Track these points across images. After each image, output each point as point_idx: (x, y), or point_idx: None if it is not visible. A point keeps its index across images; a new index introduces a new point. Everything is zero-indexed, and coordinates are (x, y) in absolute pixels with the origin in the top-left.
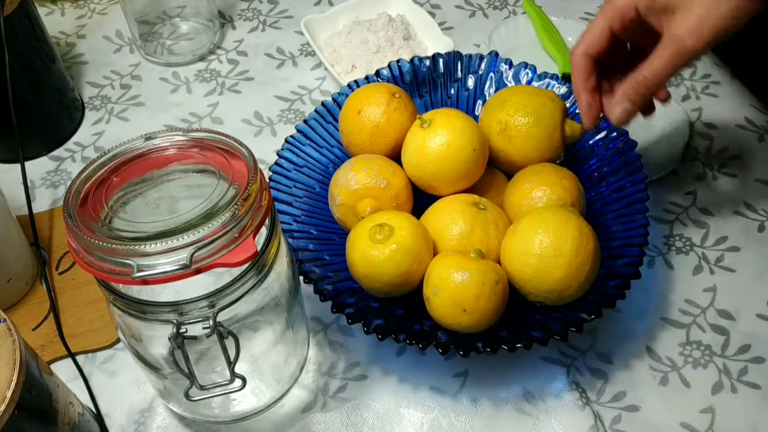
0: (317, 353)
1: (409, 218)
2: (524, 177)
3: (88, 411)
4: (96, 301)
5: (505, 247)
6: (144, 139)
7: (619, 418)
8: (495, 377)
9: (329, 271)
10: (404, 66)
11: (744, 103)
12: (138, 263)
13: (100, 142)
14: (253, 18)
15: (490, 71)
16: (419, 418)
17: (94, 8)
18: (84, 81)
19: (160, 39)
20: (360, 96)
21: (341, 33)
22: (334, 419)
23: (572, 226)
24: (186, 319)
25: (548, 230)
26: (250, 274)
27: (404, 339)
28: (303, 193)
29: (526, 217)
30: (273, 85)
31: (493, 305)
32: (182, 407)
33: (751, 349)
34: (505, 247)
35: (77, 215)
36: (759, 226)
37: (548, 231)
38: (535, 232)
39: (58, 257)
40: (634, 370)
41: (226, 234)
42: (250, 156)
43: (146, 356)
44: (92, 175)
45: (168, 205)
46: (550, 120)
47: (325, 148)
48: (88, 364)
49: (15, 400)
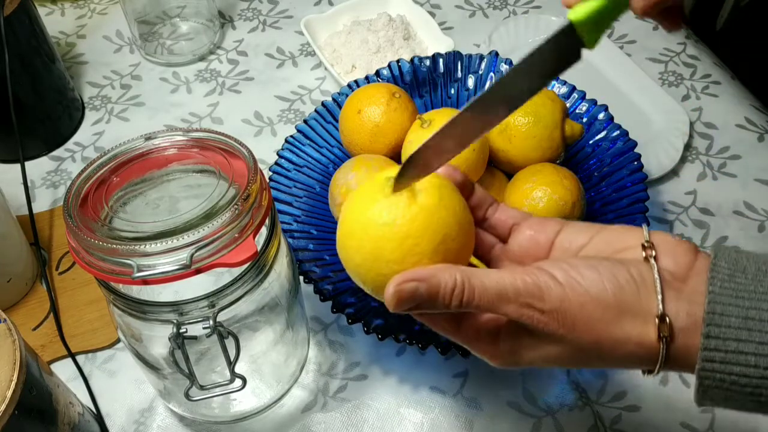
0: (317, 353)
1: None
2: (524, 177)
3: (88, 411)
4: (96, 301)
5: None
6: (144, 139)
7: (619, 418)
8: (495, 377)
9: (329, 271)
10: (404, 66)
11: (744, 103)
12: (138, 263)
13: (100, 142)
14: (253, 18)
15: (490, 71)
16: (419, 418)
17: (94, 8)
18: (84, 81)
19: (160, 39)
20: (360, 96)
21: (341, 33)
22: (334, 419)
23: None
24: (186, 319)
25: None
26: (250, 274)
27: (404, 339)
28: (303, 193)
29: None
30: (273, 85)
31: None
32: (182, 407)
33: None
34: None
35: (77, 215)
36: (759, 226)
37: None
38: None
39: (58, 257)
40: (634, 370)
41: (226, 234)
42: (250, 156)
43: (146, 356)
44: (92, 175)
45: (168, 205)
46: (550, 120)
47: (325, 148)
48: (88, 364)
49: (15, 400)
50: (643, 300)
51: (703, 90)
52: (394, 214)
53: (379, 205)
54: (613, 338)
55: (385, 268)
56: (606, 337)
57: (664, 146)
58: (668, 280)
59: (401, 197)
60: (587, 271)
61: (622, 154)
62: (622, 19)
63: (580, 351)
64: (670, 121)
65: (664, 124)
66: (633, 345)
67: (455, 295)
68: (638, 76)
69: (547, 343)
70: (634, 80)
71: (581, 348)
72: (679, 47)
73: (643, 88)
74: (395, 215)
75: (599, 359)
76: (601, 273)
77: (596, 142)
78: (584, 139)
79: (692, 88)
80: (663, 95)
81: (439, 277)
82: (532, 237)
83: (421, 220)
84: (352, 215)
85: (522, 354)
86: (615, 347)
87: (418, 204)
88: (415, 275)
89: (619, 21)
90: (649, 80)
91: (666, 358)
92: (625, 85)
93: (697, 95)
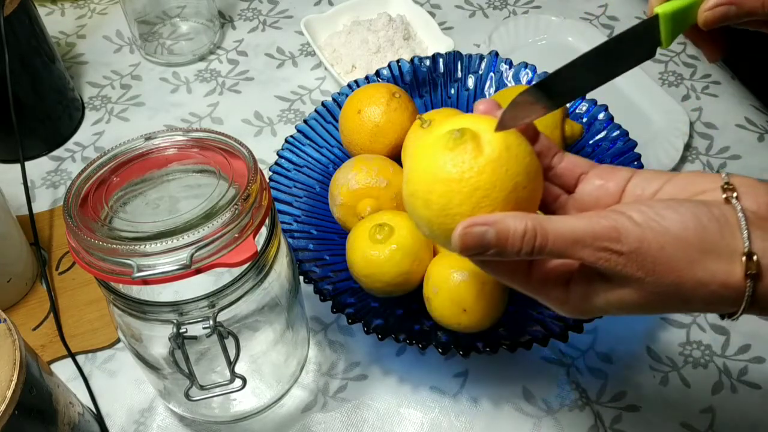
0: (317, 353)
1: (409, 218)
2: None
3: (88, 411)
4: (96, 301)
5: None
6: (144, 139)
7: (619, 418)
8: (495, 377)
9: (329, 271)
10: (404, 66)
11: (744, 103)
12: (138, 263)
13: (100, 142)
14: (253, 18)
15: (490, 71)
16: (419, 418)
17: (94, 8)
18: (84, 81)
19: (160, 39)
20: (360, 96)
21: (341, 33)
22: (334, 419)
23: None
24: (186, 319)
25: None
26: (250, 274)
27: (404, 339)
28: (303, 193)
29: None
30: (273, 85)
31: (493, 305)
32: (182, 407)
33: (751, 349)
34: None
35: (77, 215)
36: None
37: None
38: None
39: (58, 257)
40: (634, 370)
41: (226, 234)
42: (250, 156)
43: (146, 356)
44: (92, 175)
45: (168, 205)
46: (550, 120)
47: (325, 148)
48: (88, 364)
49: (15, 400)
50: (727, 239)
51: (703, 90)
52: (461, 168)
53: (444, 158)
54: (696, 279)
55: (455, 222)
56: (688, 278)
57: (664, 146)
58: (752, 219)
59: (467, 150)
60: (666, 211)
61: (622, 154)
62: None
63: (659, 295)
64: (670, 121)
65: (664, 124)
66: (717, 285)
67: (526, 241)
68: (638, 76)
69: (623, 287)
70: (634, 80)
71: (660, 292)
72: (679, 47)
73: (643, 88)
74: (463, 168)
75: (680, 302)
76: (681, 213)
77: (596, 142)
78: (584, 139)
79: (692, 88)
80: (663, 95)
81: (508, 222)
82: (601, 186)
83: (490, 172)
84: (419, 170)
85: (594, 300)
86: (697, 289)
87: (485, 156)
88: (483, 219)
89: (619, 21)
90: (649, 80)
91: (752, 298)
92: (625, 85)
93: (697, 95)
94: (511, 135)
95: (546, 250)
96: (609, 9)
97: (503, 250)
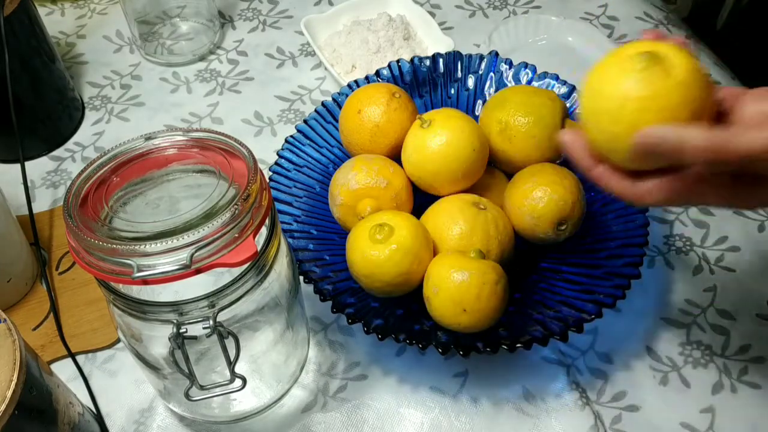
0: (317, 353)
1: (409, 218)
2: (524, 177)
3: (88, 411)
4: (96, 301)
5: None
6: (144, 139)
7: (619, 418)
8: (495, 377)
9: (329, 271)
10: (404, 66)
11: None
12: (138, 263)
13: (100, 142)
14: (253, 18)
15: (490, 71)
16: (419, 418)
17: (94, 8)
18: (84, 81)
19: (160, 39)
20: (360, 96)
21: (341, 33)
22: (334, 419)
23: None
24: (186, 319)
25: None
26: (250, 274)
27: (404, 339)
28: (303, 193)
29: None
30: (273, 85)
31: (493, 305)
32: (182, 407)
33: (751, 349)
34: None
35: (77, 215)
36: (759, 226)
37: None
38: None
39: (58, 257)
40: (634, 370)
41: (226, 234)
42: (250, 156)
43: (146, 356)
44: (92, 175)
45: (168, 205)
46: (550, 120)
47: (325, 148)
48: (88, 364)
49: (15, 400)
50: None
51: None
52: (651, 88)
53: (635, 78)
54: None
55: None
56: None
57: None
58: None
59: (656, 71)
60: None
61: None
62: (622, 19)
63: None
64: None
65: None
66: None
67: (710, 145)
68: None
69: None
70: None
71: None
72: None
73: None
74: (653, 89)
75: None
76: None
77: None
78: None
79: None
80: None
81: (689, 129)
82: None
83: (678, 93)
84: (607, 88)
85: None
86: None
87: (673, 77)
88: (664, 127)
89: (619, 21)
90: None
91: None
92: None
93: None
94: (692, 59)
95: (732, 158)
96: (609, 9)
97: (680, 155)
